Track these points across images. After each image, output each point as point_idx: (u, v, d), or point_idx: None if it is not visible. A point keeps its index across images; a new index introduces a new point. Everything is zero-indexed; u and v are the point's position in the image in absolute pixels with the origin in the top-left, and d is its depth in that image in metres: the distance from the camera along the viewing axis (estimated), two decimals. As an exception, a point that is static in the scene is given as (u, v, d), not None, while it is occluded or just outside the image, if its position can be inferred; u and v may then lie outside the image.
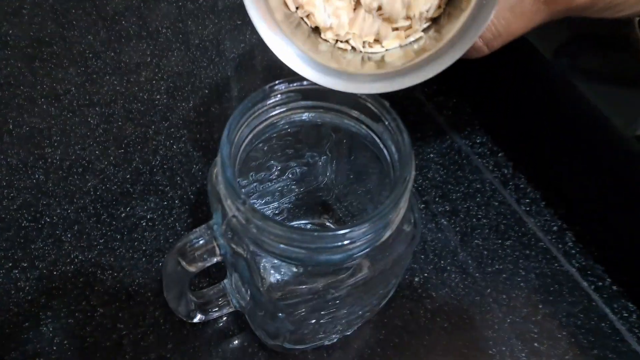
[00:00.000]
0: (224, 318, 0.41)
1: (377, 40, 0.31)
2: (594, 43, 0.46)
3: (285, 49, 0.29)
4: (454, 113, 0.54)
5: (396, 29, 0.31)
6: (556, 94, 0.45)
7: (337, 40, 0.31)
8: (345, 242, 0.26)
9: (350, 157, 0.39)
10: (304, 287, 0.30)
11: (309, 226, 0.43)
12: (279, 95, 0.31)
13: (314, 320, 0.34)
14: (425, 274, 0.44)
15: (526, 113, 0.49)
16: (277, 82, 0.31)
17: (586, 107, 0.42)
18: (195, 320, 0.38)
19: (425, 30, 0.31)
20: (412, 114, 0.53)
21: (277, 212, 0.42)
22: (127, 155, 0.49)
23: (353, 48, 0.31)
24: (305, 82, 0.31)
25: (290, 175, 0.39)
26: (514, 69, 0.48)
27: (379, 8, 0.30)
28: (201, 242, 0.30)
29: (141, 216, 0.45)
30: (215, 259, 0.31)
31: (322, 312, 0.32)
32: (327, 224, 0.43)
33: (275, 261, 0.30)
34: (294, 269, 0.30)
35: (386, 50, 0.31)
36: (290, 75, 0.31)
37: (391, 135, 0.30)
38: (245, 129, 0.30)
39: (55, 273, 0.42)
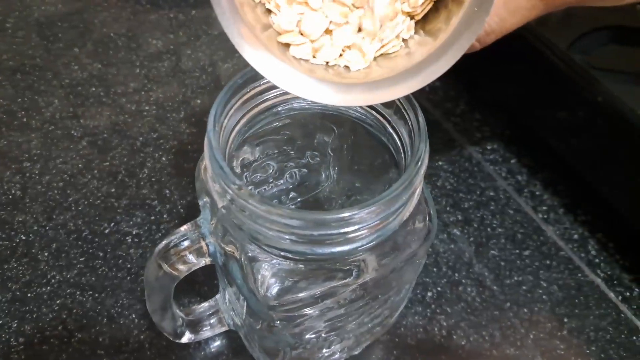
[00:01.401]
0: (217, 341, 0.37)
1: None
2: (609, 35, 0.43)
3: (261, 57, 0.25)
4: (462, 119, 0.50)
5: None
6: (573, 90, 0.42)
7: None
8: (351, 229, 0.22)
9: (354, 158, 0.36)
10: (304, 292, 0.26)
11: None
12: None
13: (315, 334, 0.30)
14: (439, 288, 0.40)
15: (540, 114, 0.46)
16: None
17: (607, 100, 0.39)
18: (184, 340, 0.33)
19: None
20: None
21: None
22: (112, 169, 0.45)
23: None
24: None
25: (288, 178, 0.36)
26: (526, 68, 0.45)
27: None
28: (186, 242, 0.27)
29: (126, 232, 0.42)
30: (203, 261, 0.27)
31: (326, 322, 0.28)
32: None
33: (273, 263, 0.26)
34: (294, 271, 0.26)
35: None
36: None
37: (403, 116, 0.27)
38: (235, 112, 0.27)
39: (29, 295, 0.38)
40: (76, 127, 0.48)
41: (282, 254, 0.24)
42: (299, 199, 0.38)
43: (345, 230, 0.22)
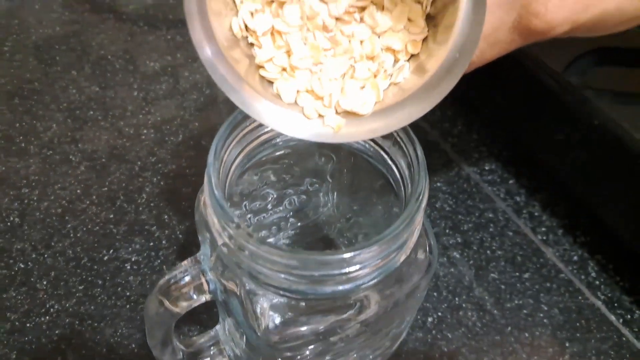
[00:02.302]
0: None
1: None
2: (606, 57, 0.43)
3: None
4: (460, 140, 0.50)
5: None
6: (569, 112, 0.42)
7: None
8: (353, 268, 0.22)
9: (354, 183, 0.36)
10: (305, 327, 0.26)
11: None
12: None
13: (317, 367, 0.29)
14: (439, 313, 0.40)
15: (537, 135, 0.46)
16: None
17: (604, 122, 0.39)
18: (184, 371, 0.33)
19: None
20: (416, 142, 0.50)
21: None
22: (111, 194, 0.45)
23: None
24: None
25: (287, 205, 0.36)
26: (523, 90, 0.45)
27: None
28: (187, 278, 0.26)
29: (125, 259, 0.41)
30: (203, 297, 0.27)
31: (328, 358, 0.28)
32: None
33: (273, 299, 0.26)
34: (295, 307, 0.26)
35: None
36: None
37: (400, 148, 0.27)
38: (235, 146, 0.27)
39: (28, 325, 0.38)
40: (74, 151, 0.47)
41: (282, 292, 0.24)
42: (298, 224, 0.38)
43: (347, 270, 0.22)
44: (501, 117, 0.49)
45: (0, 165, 0.46)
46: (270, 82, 0.26)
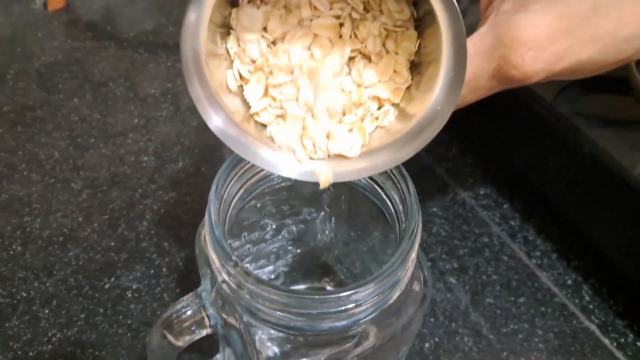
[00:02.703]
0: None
1: None
2: (594, 86, 0.44)
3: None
4: (454, 165, 0.51)
5: None
6: (560, 139, 0.43)
7: None
8: (350, 306, 0.23)
9: (351, 211, 0.36)
10: None
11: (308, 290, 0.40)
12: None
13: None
14: (436, 339, 0.41)
15: (530, 161, 0.47)
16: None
17: (592, 150, 0.40)
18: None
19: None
20: (411, 167, 0.50)
21: (273, 276, 0.38)
22: (112, 222, 0.46)
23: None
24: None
25: (286, 235, 0.37)
26: (515, 117, 0.46)
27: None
28: (189, 312, 0.27)
29: (126, 287, 0.42)
30: (205, 332, 0.28)
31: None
32: (328, 287, 0.40)
33: (272, 332, 0.27)
34: (293, 340, 0.27)
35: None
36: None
37: (394, 184, 0.27)
38: (235, 183, 0.28)
39: (30, 354, 0.38)
40: (76, 179, 0.48)
41: (280, 329, 0.25)
42: (297, 251, 0.39)
43: (344, 307, 0.23)
44: (495, 143, 0.50)
45: (2, 193, 0.47)
46: (264, 126, 0.27)
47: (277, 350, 0.27)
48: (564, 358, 0.40)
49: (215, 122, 0.25)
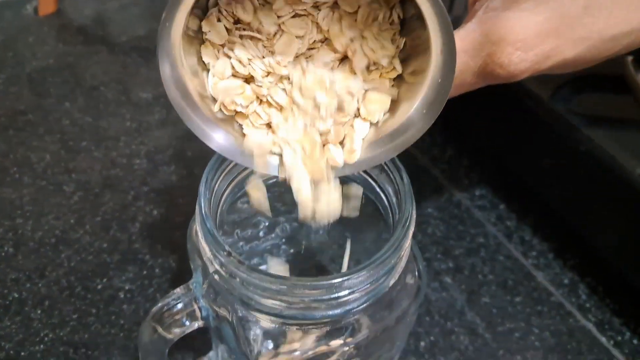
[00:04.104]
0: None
1: None
2: (590, 84, 0.44)
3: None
4: (449, 166, 0.51)
5: None
6: (557, 138, 0.43)
7: None
8: (343, 293, 0.23)
9: (344, 208, 0.36)
10: (297, 353, 0.27)
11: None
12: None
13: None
14: (432, 338, 0.40)
15: (526, 161, 0.47)
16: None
17: (590, 148, 0.40)
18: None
19: None
20: (406, 168, 0.50)
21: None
22: (104, 224, 0.45)
23: None
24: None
25: (279, 232, 0.36)
26: (510, 116, 0.46)
27: None
28: (179, 305, 0.27)
29: (119, 287, 0.42)
30: (196, 324, 0.27)
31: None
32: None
33: (264, 324, 0.27)
34: (286, 332, 0.27)
35: None
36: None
37: (387, 175, 0.27)
38: (225, 176, 0.28)
39: (22, 354, 0.38)
40: (68, 182, 0.48)
41: (274, 318, 0.25)
42: (291, 251, 0.39)
43: (337, 295, 0.23)
44: (490, 143, 0.50)
45: (-6, 196, 0.47)
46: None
47: (269, 344, 0.27)
48: (560, 356, 0.40)
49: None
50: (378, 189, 0.29)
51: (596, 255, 0.44)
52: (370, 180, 0.29)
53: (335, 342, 0.26)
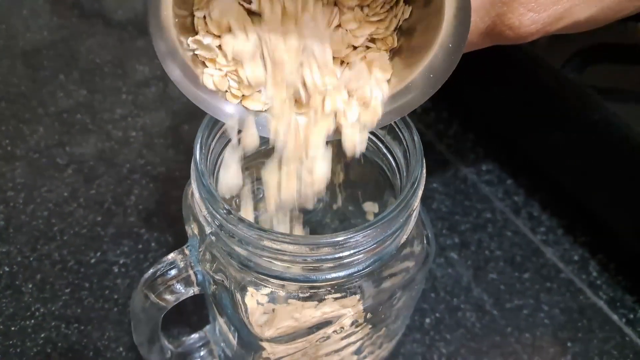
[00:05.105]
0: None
1: None
2: (602, 53, 0.42)
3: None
4: (456, 141, 0.50)
5: None
6: (568, 109, 0.41)
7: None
8: (347, 253, 0.21)
9: (347, 181, 0.35)
10: (297, 320, 0.25)
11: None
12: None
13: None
14: (437, 314, 0.39)
15: (535, 134, 0.45)
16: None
17: (603, 118, 0.39)
18: (173, 374, 0.32)
19: None
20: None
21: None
22: (99, 197, 0.44)
23: None
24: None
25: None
26: (519, 87, 0.45)
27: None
28: (173, 271, 0.25)
29: (113, 262, 0.40)
30: (191, 291, 0.26)
31: (321, 353, 0.27)
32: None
33: (265, 290, 0.25)
34: (285, 298, 0.25)
35: None
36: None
37: (397, 136, 0.26)
38: (221, 137, 0.26)
39: (13, 329, 0.37)
40: (62, 155, 0.46)
41: (274, 281, 0.23)
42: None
43: (341, 254, 0.21)
44: (498, 117, 0.48)
45: (-15, 169, 0.45)
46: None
47: (269, 313, 0.26)
48: (570, 334, 0.39)
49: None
50: (385, 150, 0.27)
51: (608, 232, 0.43)
52: (377, 141, 0.28)
53: (338, 310, 0.25)
